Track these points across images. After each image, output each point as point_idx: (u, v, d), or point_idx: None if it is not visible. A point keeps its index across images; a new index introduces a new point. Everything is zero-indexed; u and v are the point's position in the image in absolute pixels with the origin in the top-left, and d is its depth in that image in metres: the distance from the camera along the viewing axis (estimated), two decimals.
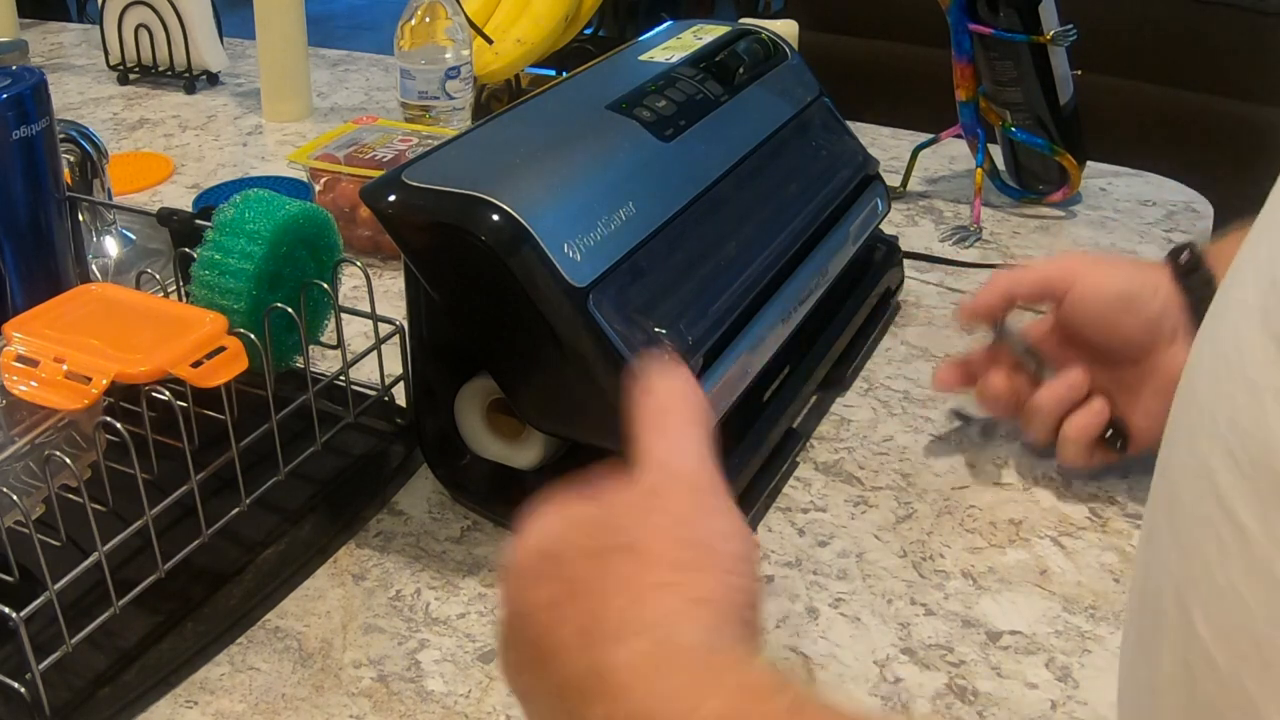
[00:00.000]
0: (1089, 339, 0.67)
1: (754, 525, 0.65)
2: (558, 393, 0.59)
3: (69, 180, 0.75)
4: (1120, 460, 0.67)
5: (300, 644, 0.57)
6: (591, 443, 0.60)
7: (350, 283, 0.83)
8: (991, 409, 0.71)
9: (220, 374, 0.56)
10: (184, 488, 0.56)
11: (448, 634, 0.58)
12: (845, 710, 0.34)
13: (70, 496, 0.54)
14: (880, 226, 0.85)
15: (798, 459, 0.70)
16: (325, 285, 0.64)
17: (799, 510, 0.66)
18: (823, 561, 0.62)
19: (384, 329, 0.67)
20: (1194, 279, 0.64)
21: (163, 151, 1.17)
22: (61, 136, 0.74)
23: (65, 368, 0.54)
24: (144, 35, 1.34)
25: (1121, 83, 1.71)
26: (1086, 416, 0.66)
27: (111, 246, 0.89)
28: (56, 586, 0.50)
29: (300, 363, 0.66)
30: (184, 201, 1.04)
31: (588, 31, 1.39)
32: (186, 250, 0.64)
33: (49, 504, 0.54)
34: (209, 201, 0.85)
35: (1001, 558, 0.63)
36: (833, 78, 0.86)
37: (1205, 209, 1.06)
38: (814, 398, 0.75)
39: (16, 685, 0.50)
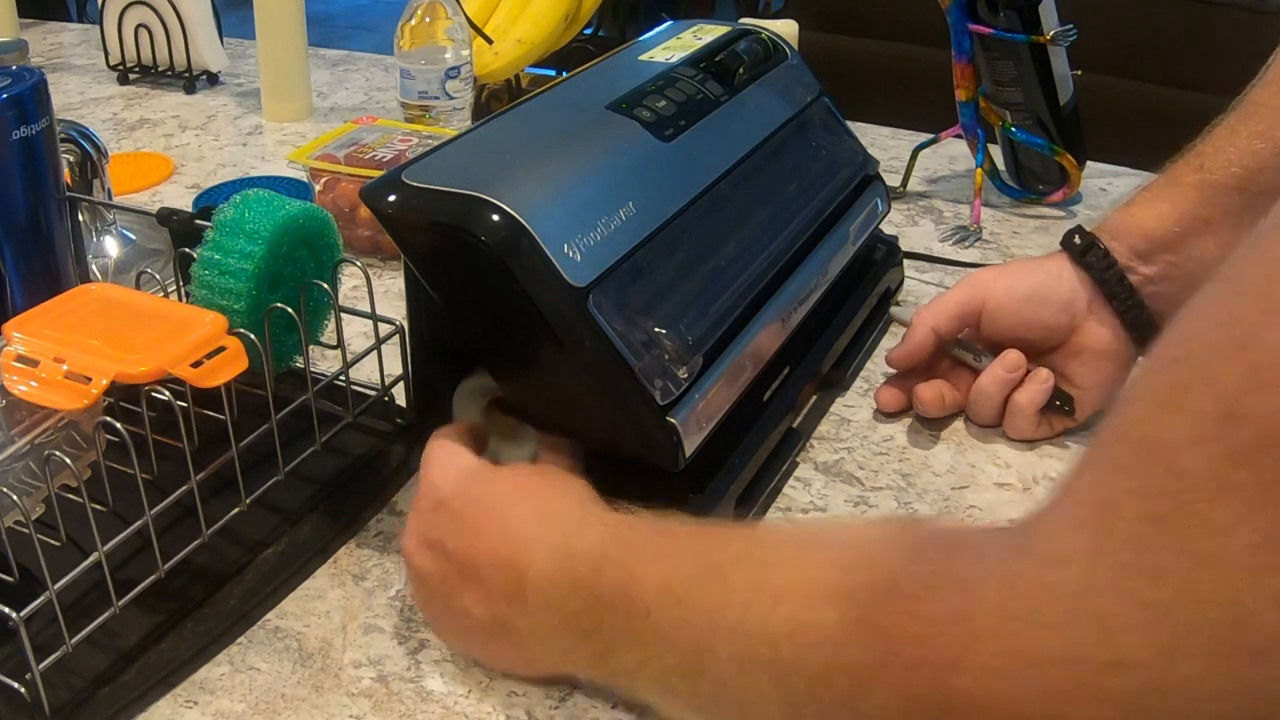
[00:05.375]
0: (1015, 339, 0.72)
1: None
2: (557, 392, 0.59)
3: (69, 180, 0.75)
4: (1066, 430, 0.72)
5: (300, 644, 0.57)
6: (591, 442, 0.60)
7: (350, 283, 0.83)
8: (932, 413, 0.74)
9: (220, 374, 0.56)
10: (184, 488, 0.56)
11: None
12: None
13: (70, 496, 0.54)
14: (880, 226, 0.85)
15: (798, 459, 0.70)
16: (325, 285, 0.64)
17: (799, 510, 0.66)
18: None
19: (384, 329, 0.67)
20: (1090, 256, 0.70)
21: (163, 151, 1.17)
22: (61, 136, 0.74)
23: (65, 368, 0.53)
24: (144, 35, 1.34)
25: (1121, 83, 1.71)
26: (1034, 384, 0.70)
27: (111, 246, 0.89)
28: (56, 586, 0.50)
29: (300, 363, 0.66)
30: (184, 201, 1.04)
31: (588, 31, 1.39)
32: (186, 250, 0.64)
33: (49, 504, 0.54)
34: (209, 201, 0.85)
35: None
36: (833, 78, 0.86)
37: None
38: (814, 398, 0.75)
39: (16, 685, 0.50)
